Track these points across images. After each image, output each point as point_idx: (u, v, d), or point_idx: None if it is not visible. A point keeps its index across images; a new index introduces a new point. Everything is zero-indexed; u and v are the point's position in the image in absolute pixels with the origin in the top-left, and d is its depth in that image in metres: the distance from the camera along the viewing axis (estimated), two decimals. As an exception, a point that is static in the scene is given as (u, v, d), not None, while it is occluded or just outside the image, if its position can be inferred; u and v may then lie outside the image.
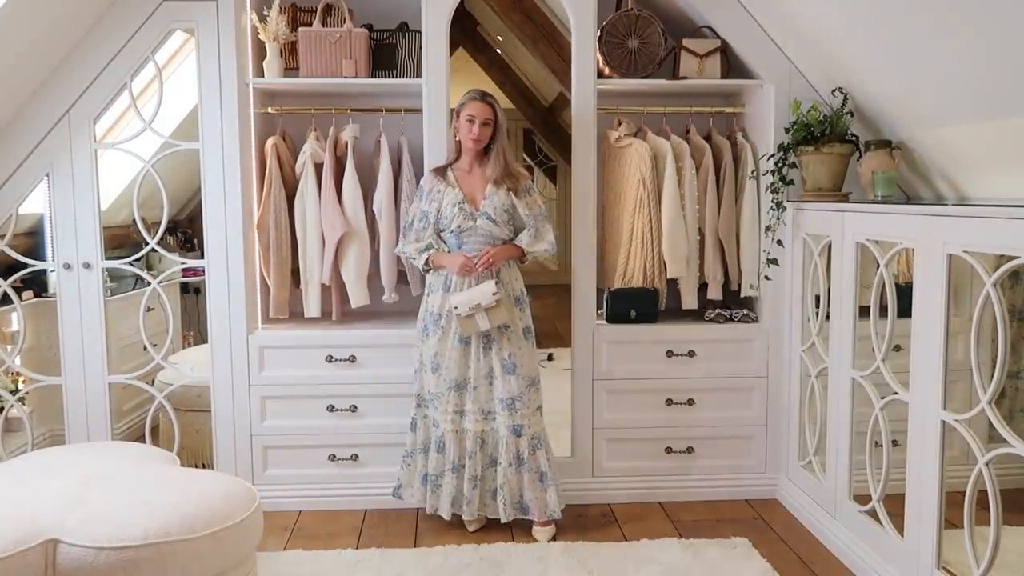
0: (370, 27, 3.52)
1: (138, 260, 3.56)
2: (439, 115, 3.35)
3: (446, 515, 3.23)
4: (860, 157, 3.21)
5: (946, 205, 2.72)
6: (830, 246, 3.12)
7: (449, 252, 3.21)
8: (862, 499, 2.94)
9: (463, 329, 3.11)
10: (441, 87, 3.34)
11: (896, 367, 2.70)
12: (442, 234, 3.22)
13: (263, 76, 3.43)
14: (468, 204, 3.17)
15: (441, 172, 3.23)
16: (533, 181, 3.33)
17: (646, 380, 3.51)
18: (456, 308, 3.08)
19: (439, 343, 3.19)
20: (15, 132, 3.31)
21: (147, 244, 3.46)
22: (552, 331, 4.14)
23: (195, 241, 4.97)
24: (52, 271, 3.65)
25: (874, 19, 2.66)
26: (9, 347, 3.72)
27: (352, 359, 3.44)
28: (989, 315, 2.25)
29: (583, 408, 3.50)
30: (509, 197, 3.18)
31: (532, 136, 7.32)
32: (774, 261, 3.45)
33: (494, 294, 3.06)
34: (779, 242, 3.41)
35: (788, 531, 3.29)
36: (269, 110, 3.59)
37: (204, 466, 3.79)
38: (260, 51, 3.46)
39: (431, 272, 3.23)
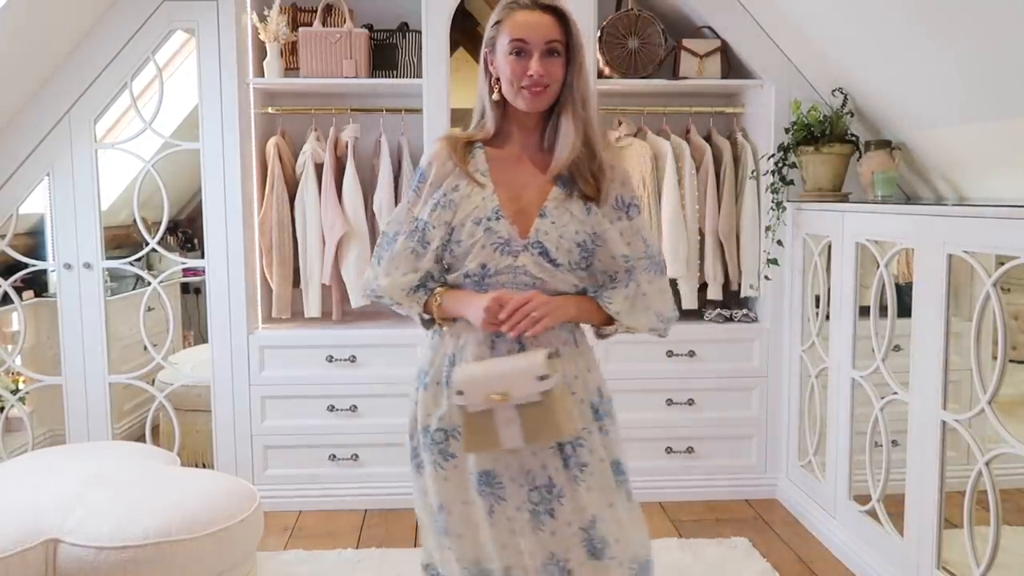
0: (370, 27, 3.52)
1: (138, 260, 3.56)
2: (439, 115, 3.35)
3: None
4: (860, 157, 3.21)
5: (946, 205, 2.72)
6: (830, 246, 3.12)
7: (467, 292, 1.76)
8: (862, 499, 2.94)
9: (467, 441, 1.68)
10: (441, 87, 3.34)
11: (896, 367, 2.70)
12: (450, 274, 1.77)
13: (263, 76, 3.43)
14: (507, 221, 1.71)
15: (460, 149, 1.77)
16: (634, 189, 1.84)
17: (646, 380, 3.51)
18: (461, 393, 1.65)
19: (444, 483, 1.76)
20: (15, 132, 3.31)
21: (147, 244, 3.46)
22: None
23: (195, 241, 4.97)
24: (53, 271, 3.66)
25: (874, 19, 2.66)
26: (9, 347, 3.72)
27: (352, 359, 3.44)
28: (989, 315, 2.25)
29: (583, 408, 3.50)
30: (591, 218, 1.73)
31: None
32: (774, 261, 3.45)
33: (541, 377, 1.61)
34: (779, 242, 3.41)
35: (788, 531, 3.29)
36: (269, 110, 3.59)
37: (204, 466, 3.79)
38: (260, 51, 3.46)
39: (436, 333, 1.83)
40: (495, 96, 1.75)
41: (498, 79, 1.73)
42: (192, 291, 4.98)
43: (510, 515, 1.74)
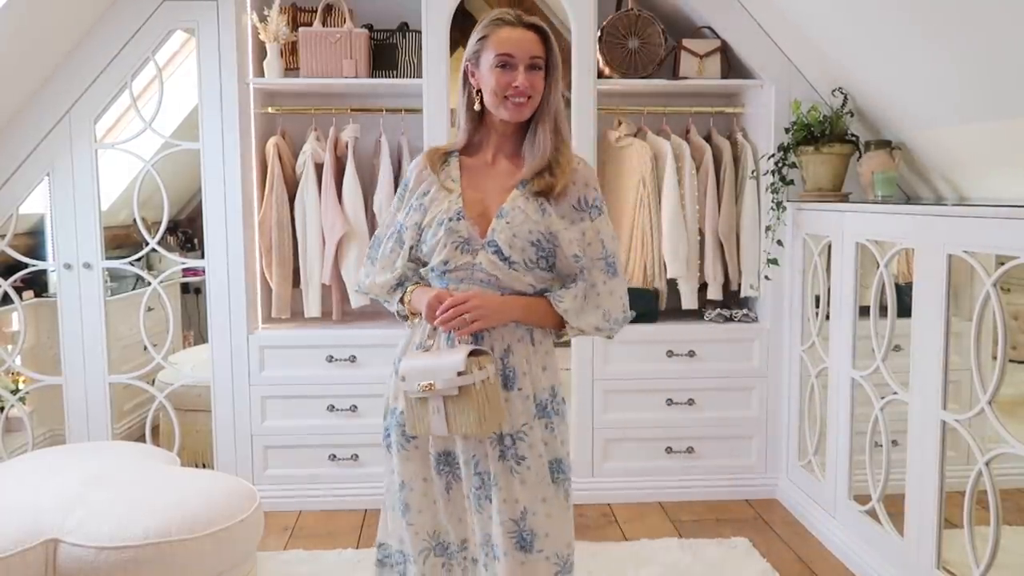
0: (370, 27, 3.52)
1: (138, 260, 3.56)
2: (439, 115, 3.35)
3: None
4: (860, 157, 3.21)
5: (946, 205, 2.72)
6: (830, 246, 3.12)
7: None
8: (862, 499, 2.94)
9: (408, 422, 1.84)
10: (441, 87, 3.34)
11: (896, 367, 2.70)
12: (423, 270, 1.92)
13: (263, 76, 3.43)
14: (469, 222, 1.83)
15: (436, 159, 1.91)
16: (598, 190, 1.90)
17: (646, 380, 3.51)
18: (403, 379, 1.81)
19: (406, 462, 1.91)
20: (15, 132, 3.31)
21: (147, 244, 3.47)
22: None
23: (195, 241, 4.97)
24: (53, 271, 3.66)
25: (873, 19, 2.66)
26: (9, 347, 3.72)
27: (352, 359, 3.44)
28: (989, 315, 2.25)
29: (583, 408, 3.50)
30: (545, 219, 1.81)
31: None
32: (774, 261, 3.45)
33: (460, 373, 1.73)
34: (779, 242, 3.41)
35: (788, 531, 3.29)
36: (269, 110, 3.59)
37: (204, 466, 3.79)
38: (260, 51, 3.46)
39: (410, 325, 1.96)
40: (476, 107, 1.86)
41: (479, 91, 1.85)
42: (192, 291, 4.98)
43: (464, 493, 1.88)
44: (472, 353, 1.75)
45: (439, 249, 1.83)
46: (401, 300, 1.93)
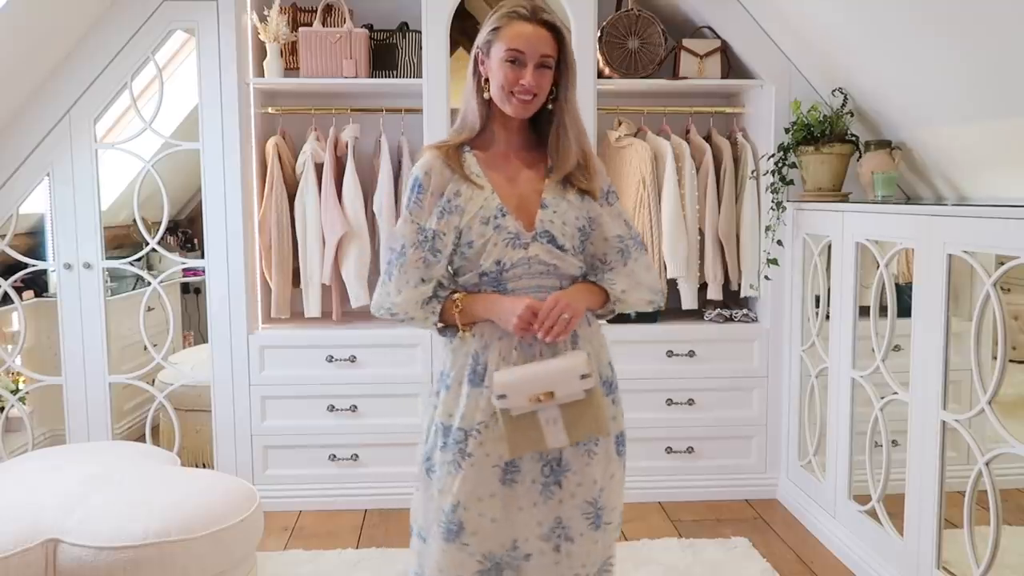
0: (370, 27, 3.52)
1: (138, 260, 3.57)
2: (439, 115, 3.35)
3: None
4: (860, 157, 3.21)
5: (946, 205, 2.72)
6: (830, 246, 3.13)
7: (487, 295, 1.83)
8: (862, 499, 2.94)
9: (511, 445, 1.74)
10: (441, 87, 3.34)
11: (896, 367, 2.70)
12: (461, 277, 1.85)
13: (263, 76, 3.43)
14: (512, 217, 1.80)
15: (452, 155, 1.83)
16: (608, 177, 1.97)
17: (646, 380, 3.51)
18: (504, 397, 1.70)
19: (462, 482, 1.78)
20: (15, 132, 3.31)
21: (147, 244, 3.47)
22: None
23: (195, 241, 4.97)
24: (53, 271, 3.66)
25: (873, 19, 2.66)
26: (9, 347, 3.72)
27: (352, 359, 3.44)
28: (989, 315, 2.25)
29: (583, 408, 3.50)
30: (585, 204, 1.85)
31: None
32: (774, 261, 3.45)
33: (583, 376, 1.71)
34: (779, 242, 3.41)
35: (788, 531, 3.29)
36: (269, 110, 3.59)
37: (204, 466, 3.79)
38: (260, 51, 3.46)
39: (453, 339, 1.87)
40: (485, 95, 1.83)
41: (487, 79, 1.82)
42: (192, 291, 4.98)
43: (527, 487, 1.82)
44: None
45: (489, 249, 1.78)
46: (441, 313, 1.83)
